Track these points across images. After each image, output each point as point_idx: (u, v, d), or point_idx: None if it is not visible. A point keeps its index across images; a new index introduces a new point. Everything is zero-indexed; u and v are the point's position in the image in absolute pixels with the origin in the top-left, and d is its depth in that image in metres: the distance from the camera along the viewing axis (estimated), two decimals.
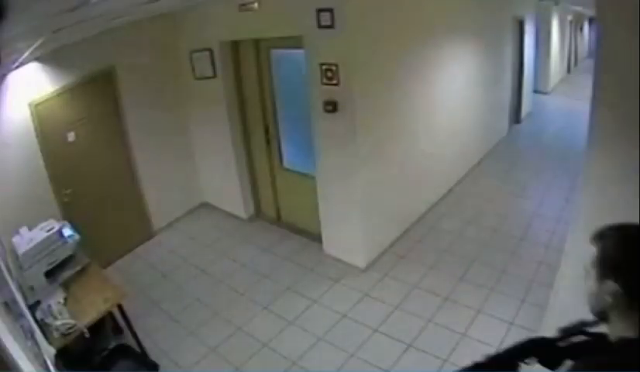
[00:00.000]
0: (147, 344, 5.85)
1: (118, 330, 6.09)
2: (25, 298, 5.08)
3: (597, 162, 3.53)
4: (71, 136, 7.20)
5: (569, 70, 23.32)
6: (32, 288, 5.30)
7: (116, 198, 7.99)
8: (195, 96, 8.60)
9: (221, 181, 8.73)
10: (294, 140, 7.75)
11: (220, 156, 8.53)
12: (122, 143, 7.95)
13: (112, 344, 5.93)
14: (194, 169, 9.28)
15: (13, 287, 4.58)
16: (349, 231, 7.07)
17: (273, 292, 6.79)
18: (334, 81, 6.19)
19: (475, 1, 9.43)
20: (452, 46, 8.60)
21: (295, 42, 6.48)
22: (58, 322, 4.82)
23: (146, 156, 8.29)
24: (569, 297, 3.57)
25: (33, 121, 6.69)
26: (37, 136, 6.75)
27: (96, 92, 7.48)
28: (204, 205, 9.45)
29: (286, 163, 7.96)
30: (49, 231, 5.52)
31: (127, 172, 8.12)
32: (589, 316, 2.04)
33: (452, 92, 8.81)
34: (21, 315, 4.04)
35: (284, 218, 8.50)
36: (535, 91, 16.37)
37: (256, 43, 7.55)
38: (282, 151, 7.91)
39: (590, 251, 1.98)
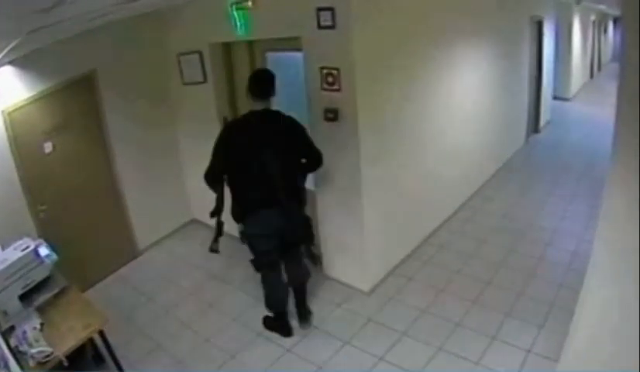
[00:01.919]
0: None
1: (99, 359, 6.05)
2: None
3: (623, 175, 3.49)
4: (48, 147, 7.18)
5: (592, 74, 23.38)
6: (5, 313, 5.26)
7: (98, 214, 7.99)
8: (184, 103, 8.65)
9: (212, 196, 8.69)
10: None
11: None
12: (104, 154, 7.98)
13: None
14: (182, 183, 9.32)
15: None
16: (351, 251, 7.07)
17: None
18: (335, 87, 6.20)
19: (491, 3, 9.46)
20: (465, 49, 8.64)
21: (293, 44, 6.48)
22: (34, 350, 4.79)
23: (130, 168, 8.31)
24: (593, 323, 3.56)
25: (6, 130, 6.67)
26: (11, 147, 6.73)
27: (75, 99, 7.49)
28: (194, 222, 9.45)
29: None
30: (23, 250, 5.48)
31: (109, 186, 8.14)
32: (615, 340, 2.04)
33: (464, 99, 8.84)
34: None
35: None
36: (555, 98, 16.45)
37: (250, 45, 7.58)
38: None
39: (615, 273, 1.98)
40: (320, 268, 7.29)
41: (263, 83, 5.74)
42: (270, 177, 5.57)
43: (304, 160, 5.96)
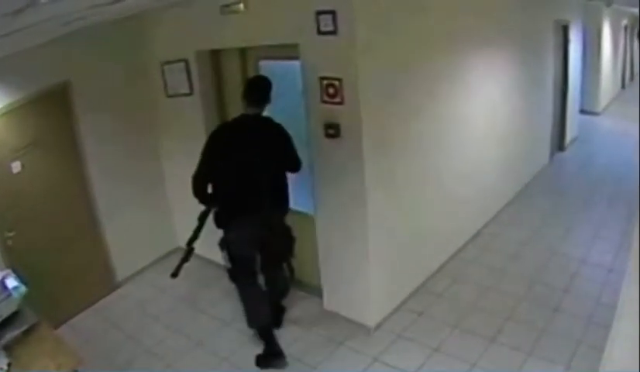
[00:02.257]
0: None
1: None
2: None
3: None
4: (16, 167, 7.16)
5: (623, 85, 23.37)
6: None
7: (72, 242, 7.95)
8: (168, 117, 8.67)
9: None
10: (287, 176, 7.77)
11: None
12: (79, 175, 7.96)
13: None
14: (166, 207, 9.34)
15: None
16: (355, 282, 7.03)
17: None
18: (337, 99, 6.20)
19: (510, 6, 9.49)
20: (483, 58, 8.68)
21: (289, 51, 6.49)
22: None
23: (109, 191, 8.30)
24: (624, 363, 3.55)
25: None
26: None
27: (47, 113, 7.48)
28: (179, 251, 9.32)
29: None
30: None
31: (85, 210, 8.12)
32: None
33: (481, 114, 8.88)
34: None
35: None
36: (582, 112, 16.41)
37: (242, 52, 7.60)
38: None
39: None
40: (294, 279, 7.19)
41: (259, 89, 6.22)
42: (255, 181, 6.02)
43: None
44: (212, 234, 6.42)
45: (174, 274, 6.72)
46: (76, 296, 7.99)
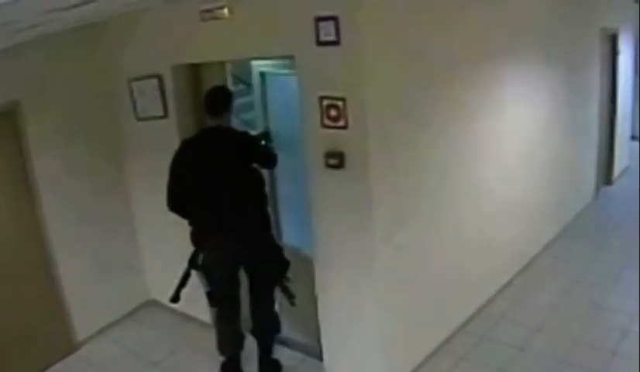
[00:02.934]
0: None
1: None
2: None
3: None
4: None
5: None
6: None
7: (21, 293, 7.80)
8: (138, 144, 8.60)
9: (177, 269, 8.54)
10: (282, 206, 7.68)
11: (175, 233, 8.33)
12: (31, 214, 7.84)
13: None
14: (136, 252, 9.25)
15: None
16: (361, 341, 6.89)
17: None
18: (340, 123, 6.07)
19: (546, 12, 9.43)
20: (514, 75, 8.62)
21: (284, 65, 6.43)
22: None
23: (67, 232, 8.17)
24: None
25: None
26: None
27: None
28: (151, 304, 9.35)
29: None
30: None
31: (37, 255, 7.97)
32: None
33: (512, 142, 8.80)
34: None
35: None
36: (634, 138, 16.33)
37: (227, 67, 7.50)
38: None
39: None
40: (293, 304, 7.16)
41: (217, 100, 6.72)
42: (224, 196, 6.47)
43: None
44: (193, 287, 6.36)
45: (174, 299, 6.96)
46: (26, 359, 7.82)
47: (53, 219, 7.98)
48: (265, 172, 7.02)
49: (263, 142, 7.42)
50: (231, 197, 6.42)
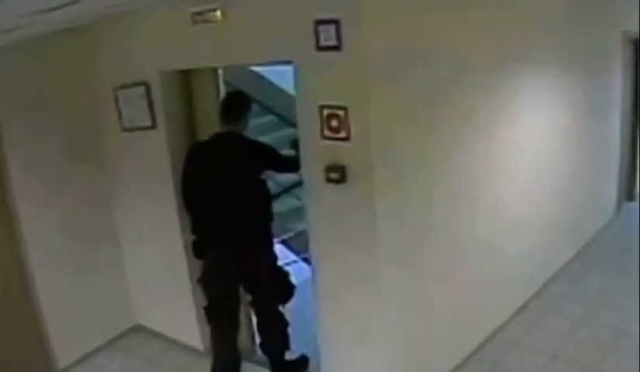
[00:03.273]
0: None
1: None
2: None
3: None
4: None
5: None
6: None
7: None
8: (124, 157, 8.56)
9: (165, 293, 8.57)
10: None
11: (162, 254, 8.40)
12: (7, 234, 7.83)
13: None
14: (120, 274, 9.20)
15: None
16: (364, 365, 6.88)
17: None
18: (341, 134, 6.05)
19: (564, 15, 9.42)
20: (530, 83, 8.61)
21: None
22: None
23: (46, 252, 8.12)
24: None
25: None
26: None
27: None
28: (137, 330, 9.32)
29: None
30: None
31: (15, 278, 7.96)
32: None
33: (527, 154, 8.79)
34: None
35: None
36: None
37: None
38: None
39: None
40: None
41: (230, 103, 7.08)
42: (220, 210, 6.56)
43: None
44: (184, 312, 6.37)
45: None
46: None
47: (32, 239, 7.96)
48: None
49: (293, 151, 7.17)
50: (229, 210, 6.50)
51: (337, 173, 6.17)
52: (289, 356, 7.50)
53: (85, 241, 8.65)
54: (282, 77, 13.02)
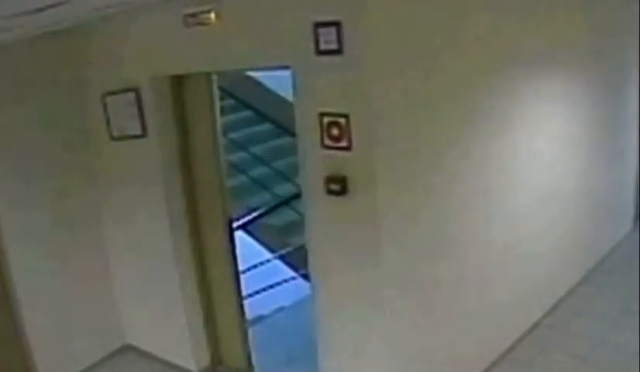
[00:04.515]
0: None
1: None
2: None
3: None
4: None
5: None
6: None
7: None
8: (113, 168, 8.49)
9: (156, 312, 8.53)
10: None
11: (154, 271, 8.35)
12: None
13: None
14: (109, 292, 9.13)
15: None
16: None
17: None
18: (342, 143, 5.98)
19: (578, 17, 9.36)
20: (541, 89, 8.53)
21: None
22: None
23: (30, 270, 8.07)
24: None
25: None
26: None
27: None
28: (127, 350, 9.27)
29: None
30: None
31: None
32: None
33: (538, 165, 8.71)
34: None
35: (260, 369, 8.27)
36: None
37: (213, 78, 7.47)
38: None
39: None
40: None
41: None
42: None
43: None
44: (171, 328, 6.29)
45: None
46: None
47: (14, 254, 7.89)
48: None
49: None
50: None
51: (338, 185, 6.10)
52: None
53: (71, 258, 8.58)
54: (280, 82, 12.98)
